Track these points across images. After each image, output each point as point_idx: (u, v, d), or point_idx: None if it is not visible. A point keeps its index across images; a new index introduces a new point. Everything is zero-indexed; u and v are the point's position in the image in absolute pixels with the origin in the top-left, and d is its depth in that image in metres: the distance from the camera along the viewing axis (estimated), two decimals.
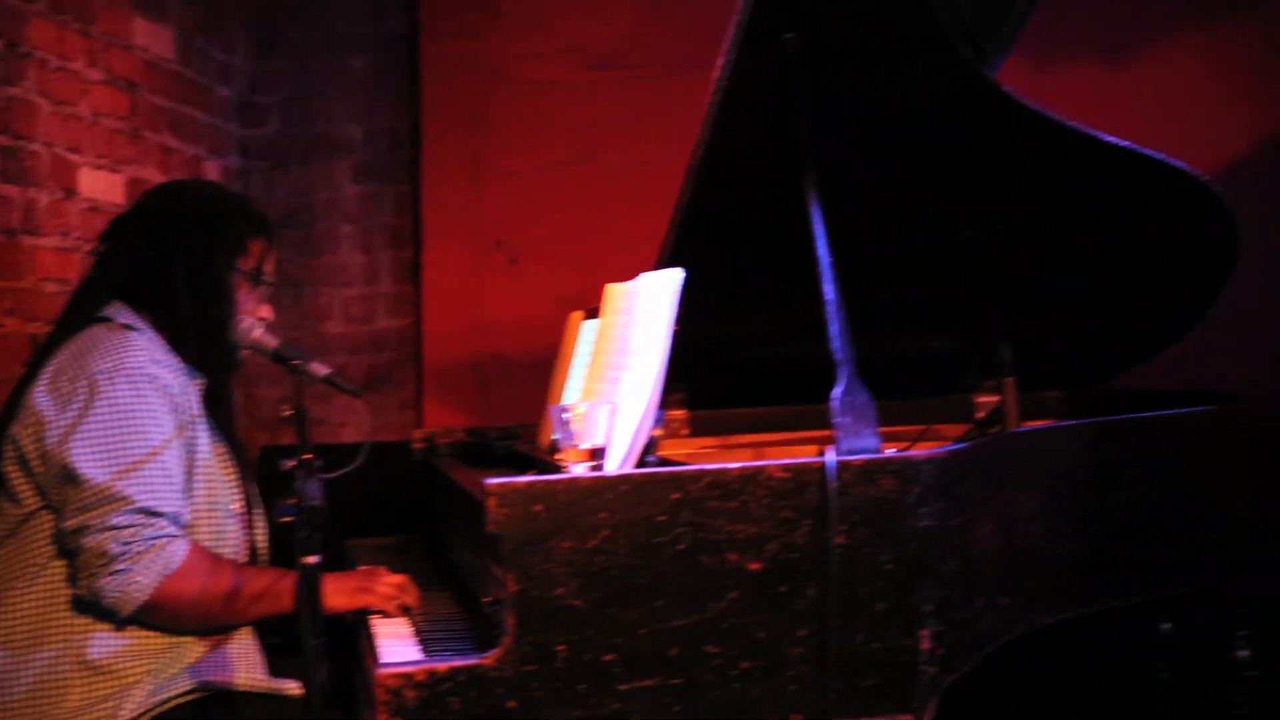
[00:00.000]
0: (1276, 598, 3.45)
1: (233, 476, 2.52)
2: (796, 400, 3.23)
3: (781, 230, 2.45)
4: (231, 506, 2.50)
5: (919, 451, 2.09)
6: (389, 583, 2.50)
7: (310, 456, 1.97)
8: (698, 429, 3.21)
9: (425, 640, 2.29)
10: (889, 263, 2.92)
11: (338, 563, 2.91)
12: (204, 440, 2.46)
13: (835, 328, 2.17)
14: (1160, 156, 2.72)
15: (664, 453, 3.01)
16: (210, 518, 2.44)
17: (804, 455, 2.06)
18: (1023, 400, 3.22)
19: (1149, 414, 2.70)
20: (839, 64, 2.41)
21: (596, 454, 2.12)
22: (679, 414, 3.18)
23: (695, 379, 3.09)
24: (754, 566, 2.00)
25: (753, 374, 3.25)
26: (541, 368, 3.01)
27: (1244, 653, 3.22)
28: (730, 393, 3.26)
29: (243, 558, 2.52)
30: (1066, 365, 3.34)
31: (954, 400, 3.11)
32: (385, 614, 2.45)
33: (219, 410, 2.51)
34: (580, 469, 2.10)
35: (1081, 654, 3.68)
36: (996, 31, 2.46)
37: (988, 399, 3.08)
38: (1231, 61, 3.74)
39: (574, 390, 2.74)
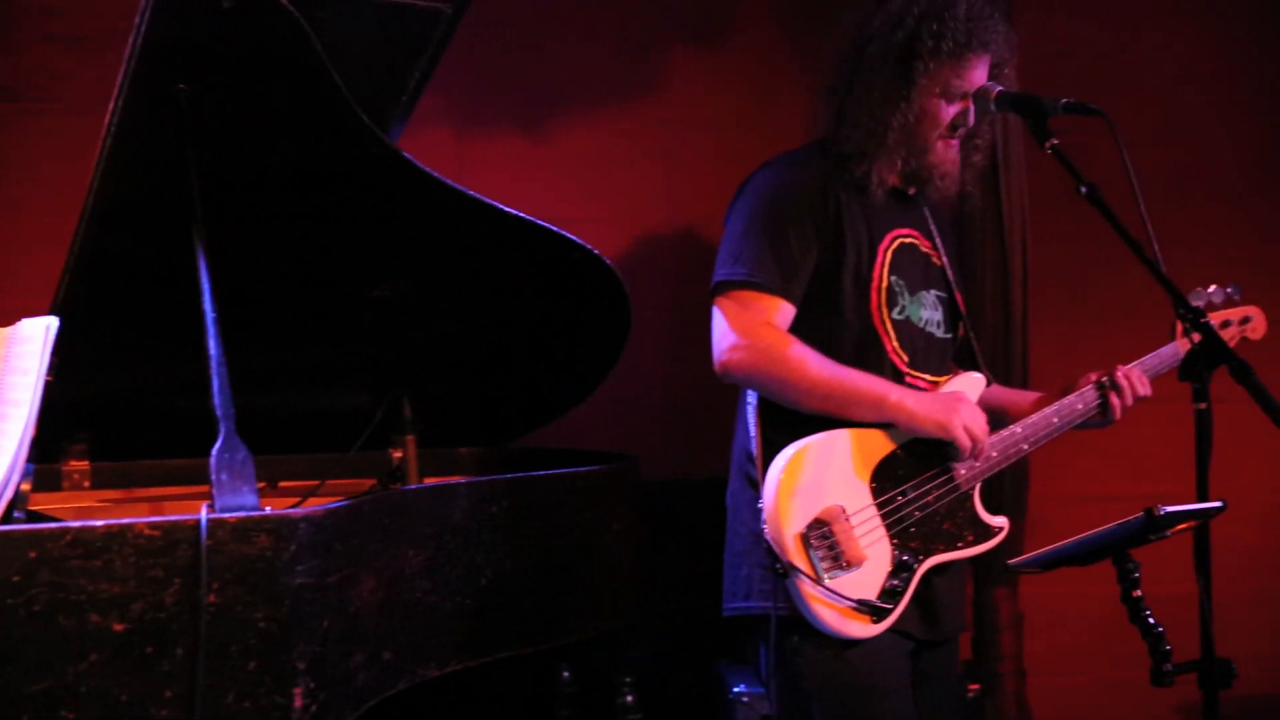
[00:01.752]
0: (659, 646, 3.72)
1: None
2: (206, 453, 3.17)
3: (178, 283, 2.40)
4: None
5: (297, 509, 2.10)
6: None
7: None
8: (102, 481, 3.08)
9: None
10: (299, 318, 2.93)
11: None
12: None
13: (216, 383, 2.15)
14: (557, 229, 2.87)
15: (54, 506, 2.89)
16: None
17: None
18: (439, 456, 3.32)
19: (540, 472, 2.83)
20: (237, 119, 2.40)
21: None
22: (80, 465, 3.04)
23: (102, 429, 2.97)
24: (118, 627, 1.94)
25: (166, 424, 3.15)
26: None
27: (629, 698, 3.45)
28: (142, 443, 3.15)
29: None
30: (481, 423, 3.46)
31: (379, 456, 3.15)
32: None
33: None
34: None
35: (489, 701, 3.80)
36: (395, 100, 2.54)
37: (400, 454, 3.16)
38: (639, 143, 4.03)
39: None
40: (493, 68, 3.86)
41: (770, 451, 2.61)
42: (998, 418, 2.91)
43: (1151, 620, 2.42)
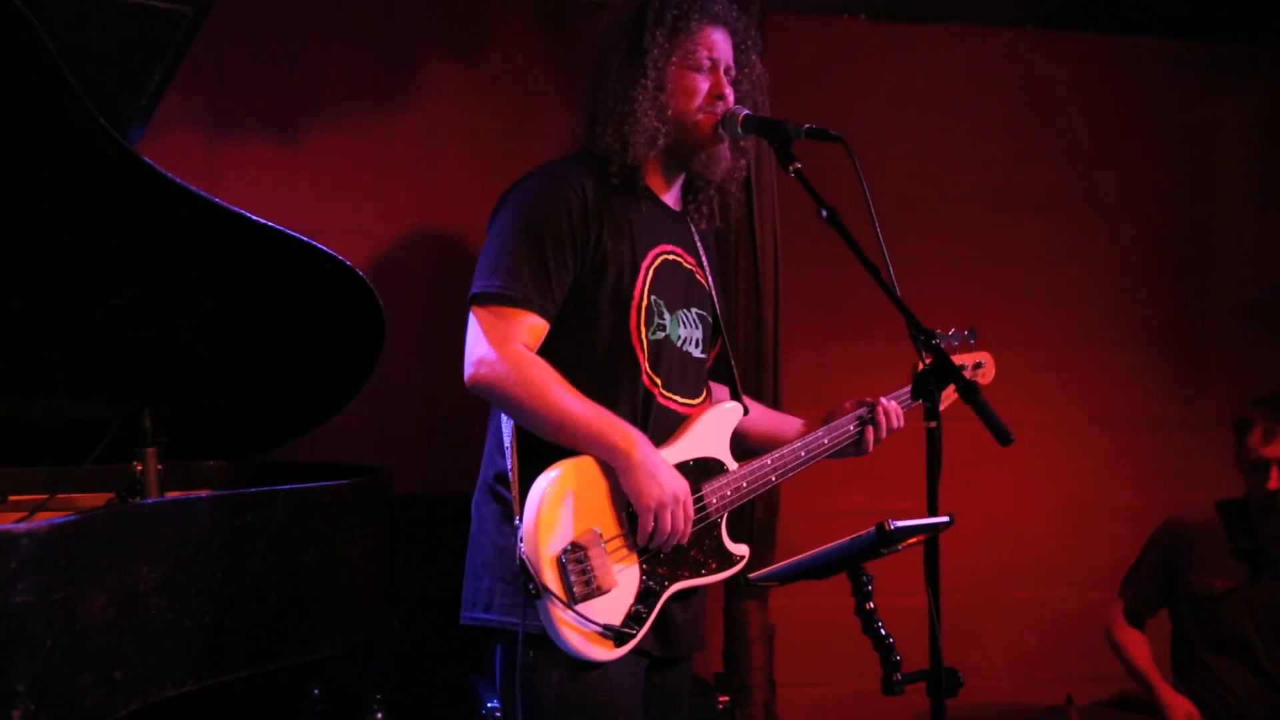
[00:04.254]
0: (410, 661, 3.69)
1: None
2: None
3: None
4: None
5: (19, 524, 2.03)
6: None
7: None
8: None
9: None
10: (29, 326, 2.82)
11: None
12: None
13: None
14: (307, 240, 2.81)
15: None
16: None
17: None
18: (187, 470, 3.22)
19: (284, 486, 2.77)
20: None
21: None
22: None
23: None
24: None
25: None
26: None
27: (379, 714, 3.41)
28: None
29: None
30: (229, 435, 3.37)
31: (121, 469, 3.04)
32: None
33: None
34: None
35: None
36: (134, 102, 2.46)
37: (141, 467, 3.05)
38: (394, 151, 4.01)
39: None
40: (243, 73, 3.80)
41: (526, 469, 2.58)
42: (755, 444, 2.97)
43: (883, 631, 2.48)
